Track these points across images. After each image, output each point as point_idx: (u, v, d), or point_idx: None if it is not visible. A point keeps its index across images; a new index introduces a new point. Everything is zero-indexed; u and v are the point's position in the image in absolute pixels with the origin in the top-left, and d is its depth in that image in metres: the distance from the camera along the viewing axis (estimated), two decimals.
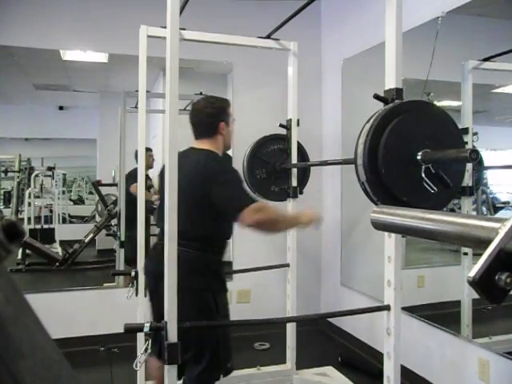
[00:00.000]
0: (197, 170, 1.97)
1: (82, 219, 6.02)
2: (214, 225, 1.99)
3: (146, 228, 2.60)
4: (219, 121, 2.09)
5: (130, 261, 3.24)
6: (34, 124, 5.57)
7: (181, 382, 2.02)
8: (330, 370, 3.06)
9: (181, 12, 1.72)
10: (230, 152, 3.89)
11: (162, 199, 2.06)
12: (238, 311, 2.37)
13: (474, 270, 0.48)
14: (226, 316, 2.04)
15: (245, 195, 1.89)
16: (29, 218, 5.32)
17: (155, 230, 4.31)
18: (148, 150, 3.96)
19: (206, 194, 1.91)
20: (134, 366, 1.60)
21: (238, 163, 2.85)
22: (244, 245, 3.70)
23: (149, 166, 3.92)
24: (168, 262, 1.57)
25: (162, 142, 4.11)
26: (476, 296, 0.49)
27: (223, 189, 1.90)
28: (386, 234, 1.70)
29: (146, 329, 1.51)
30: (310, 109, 3.96)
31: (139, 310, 2.52)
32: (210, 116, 2.09)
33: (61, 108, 5.43)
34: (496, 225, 0.51)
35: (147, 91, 2.59)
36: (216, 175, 1.93)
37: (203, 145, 2.09)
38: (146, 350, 1.52)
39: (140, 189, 2.65)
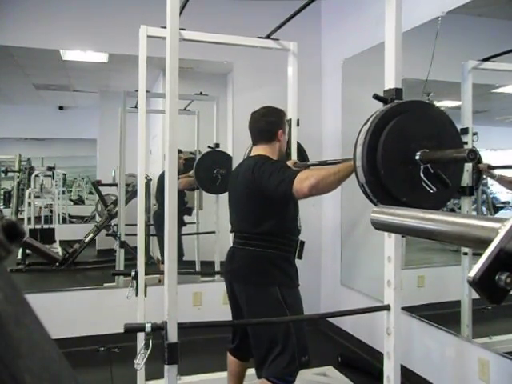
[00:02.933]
0: (248, 173, 2.12)
1: (82, 219, 6.02)
2: (273, 223, 2.11)
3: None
4: (278, 128, 2.23)
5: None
6: (34, 124, 5.57)
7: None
8: (330, 370, 3.06)
9: (181, 12, 1.72)
10: (229, 152, 3.94)
11: (230, 207, 2.30)
12: None
13: (474, 270, 0.48)
14: (296, 310, 2.12)
15: (287, 173, 1.97)
16: (29, 218, 5.32)
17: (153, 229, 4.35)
18: (178, 151, 3.97)
19: (258, 192, 2.06)
20: (135, 366, 1.59)
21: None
22: None
23: (179, 168, 3.96)
24: (168, 261, 1.58)
25: (162, 142, 4.12)
26: (476, 296, 0.49)
27: (268, 178, 2.00)
28: (386, 234, 1.70)
29: (148, 329, 1.50)
30: (310, 109, 3.96)
31: (139, 310, 2.52)
32: (269, 123, 2.23)
33: (61, 108, 5.43)
34: (496, 225, 0.51)
35: (147, 91, 2.58)
36: (260, 171, 2.06)
37: (258, 150, 2.22)
38: (146, 349, 1.51)
39: (140, 193, 2.64)
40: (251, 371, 2.87)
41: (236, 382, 2.38)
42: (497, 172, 2.66)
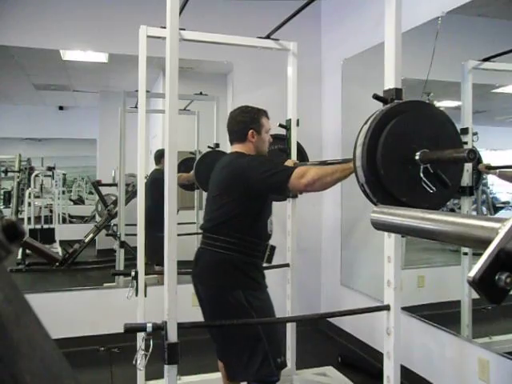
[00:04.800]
0: (226, 170, 2.10)
1: (82, 219, 6.01)
2: (243, 226, 2.07)
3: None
4: (249, 129, 2.17)
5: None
6: (34, 124, 5.57)
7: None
8: (329, 370, 3.06)
9: (181, 12, 1.72)
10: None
11: (206, 205, 2.23)
12: None
13: (474, 270, 0.48)
14: (264, 312, 2.07)
15: (284, 167, 1.99)
16: (29, 218, 5.31)
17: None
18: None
19: (241, 189, 2.02)
20: (138, 366, 1.59)
21: None
22: None
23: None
24: (168, 261, 1.58)
25: (162, 142, 4.11)
26: (476, 296, 0.49)
27: (262, 172, 1.97)
28: (386, 233, 1.70)
29: (149, 329, 1.50)
30: (310, 109, 3.96)
31: (139, 310, 2.52)
32: (240, 123, 2.19)
33: (61, 108, 5.43)
34: (496, 225, 0.51)
35: (147, 91, 2.58)
36: (250, 165, 2.02)
37: (235, 149, 2.21)
38: (147, 349, 1.51)
39: (140, 193, 2.63)
40: None
41: None
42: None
